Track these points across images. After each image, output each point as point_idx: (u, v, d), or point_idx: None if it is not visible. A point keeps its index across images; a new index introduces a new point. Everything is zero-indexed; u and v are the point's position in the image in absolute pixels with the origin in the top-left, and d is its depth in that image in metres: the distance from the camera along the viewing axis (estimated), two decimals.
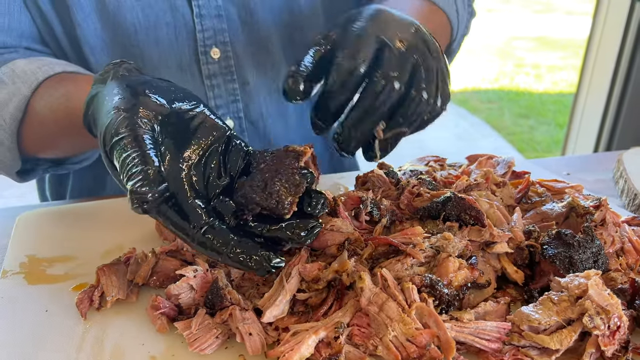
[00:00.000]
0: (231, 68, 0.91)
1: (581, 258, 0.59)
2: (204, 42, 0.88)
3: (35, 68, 0.77)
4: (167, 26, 0.87)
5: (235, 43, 0.91)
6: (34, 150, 0.82)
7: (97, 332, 0.55)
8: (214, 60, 0.89)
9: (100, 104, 0.55)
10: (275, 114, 0.98)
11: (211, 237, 0.49)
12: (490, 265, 0.62)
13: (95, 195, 1.00)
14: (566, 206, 0.68)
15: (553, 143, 4.48)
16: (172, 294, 0.56)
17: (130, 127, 0.49)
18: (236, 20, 0.90)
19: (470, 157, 0.89)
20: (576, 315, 0.52)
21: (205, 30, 0.88)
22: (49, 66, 0.78)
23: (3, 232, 0.75)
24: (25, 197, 3.08)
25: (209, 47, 0.89)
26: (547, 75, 6.36)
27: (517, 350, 0.52)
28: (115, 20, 0.84)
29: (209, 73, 0.89)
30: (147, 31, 0.86)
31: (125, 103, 0.51)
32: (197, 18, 0.87)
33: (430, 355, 0.49)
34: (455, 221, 0.63)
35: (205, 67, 0.89)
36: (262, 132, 0.97)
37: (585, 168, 1.07)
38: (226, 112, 0.93)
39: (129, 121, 0.50)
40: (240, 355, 0.52)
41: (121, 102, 0.52)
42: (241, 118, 0.94)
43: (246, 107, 0.94)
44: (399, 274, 0.55)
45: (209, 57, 0.89)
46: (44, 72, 0.77)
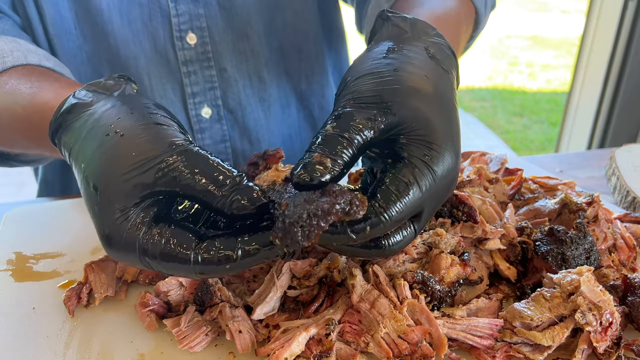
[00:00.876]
0: (208, 54, 0.89)
1: (574, 254, 0.59)
2: (179, 26, 0.86)
3: (7, 51, 0.69)
4: (140, 7, 0.84)
5: (213, 28, 0.89)
6: None
7: (85, 329, 0.54)
8: (190, 46, 0.87)
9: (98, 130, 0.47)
10: (254, 102, 0.96)
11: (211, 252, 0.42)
12: (483, 262, 0.61)
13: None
14: (559, 203, 0.68)
15: (547, 141, 4.50)
16: (161, 291, 0.55)
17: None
18: (214, 5, 0.88)
19: (463, 154, 0.89)
20: (568, 312, 0.52)
21: (180, 15, 0.86)
22: (23, 53, 0.70)
23: None
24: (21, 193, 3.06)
25: (184, 32, 0.87)
26: (541, 73, 6.38)
27: (509, 346, 0.52)
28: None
29: (185, 59, 0.88)
30: (120, 9, 0.84)
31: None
32: (172, 2, 0.85)
33: (422, 352, 0.49)
34: (448, 217, 0.62)
35: (182, 53, 0.87)
36: (240, 121, 0.96)
37: (577, 165, 1.07)
38: (203, 100, 0.91)
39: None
40: (230, 353, 0.52)
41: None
42: (219, 106, 0.92)
43: (224, 95, 0.93)
44: (390, 270, 0.54)
45: (185, 43, 0.87)
46: (14, 58, 0.69)
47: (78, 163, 0.47)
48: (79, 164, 0.47)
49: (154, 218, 0.44)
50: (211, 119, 0.92)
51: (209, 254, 0.42)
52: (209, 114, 0.92)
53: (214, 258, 0.42)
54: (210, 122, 0.92)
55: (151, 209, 0.44)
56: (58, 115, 0.50)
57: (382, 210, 0.42)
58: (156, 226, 0.43)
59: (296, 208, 0.41)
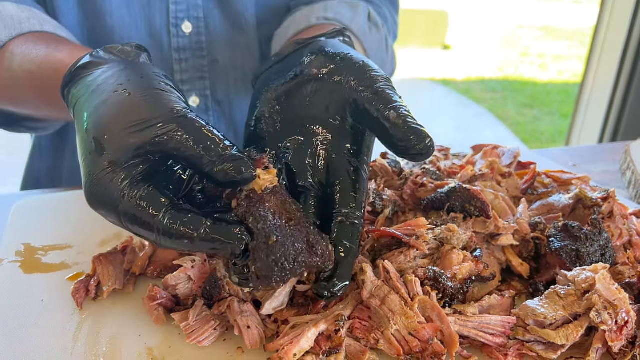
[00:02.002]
0: (202, 44, 0.89)
1: (588, 251, 0.58)
2: (176, 14, 0.87)
3: (24, 18, 0.72)
4: None
5: (209, 19, 0.89)
6: None
7: (93, 322, 0.54)
8: (185, 34, 0.88)
9: (107, 86, 0.50)
10: (243, 95, 0.96)
11: (177, 222, 0.43)
12: (495, 258, 0.60)
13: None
14: (573, 198, 0.67)
15: (557, 133, 4.45)
16: (170, 285, 0.55)
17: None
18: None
19: (475, 147, 0.87)
20: (583, 310, 0.51)
21: (178, 3, 0.87)
22: (39, 21, 0.74)
23: (1, 221, 0.74)
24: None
25: (180, 20, 0.87)
26: (553, 64, 6.32)
27: (522, 344, 0.51)
28: None
29: (178, 46, 0.88)
30: None
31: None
32: None
33: (433, 349, 0.48)
34: (460, 212, 0.62)
35: (175, 40, 0.87)
36: (227, 113, 0.95)
37: (591, 159, 1.05)
38: (191, 89, 0.91)
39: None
40: (238, 348, 0.51)
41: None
42: (207, 96, 0.92)
43: (213, 86, 0.92)
44: (401, 266, 0.53)
45: (180, 30, 0.87)
46: (31, 25, 0.72)
47: (82, 112, 0.50)
48: (82, 114, 0.49)
49: (141, 177, 0.45)
50: (198, 109, 0.92)
51: (175, 224, 0.43)
52: (196, 102, 0.91)
53: (176, 230, 0.43)
54: (197, 111, 0.91)
55: (140, 168, 0.46)
56: (73, 69, 0.53)
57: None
58: (137, 185, 0.45)
59: (286, 250, 0.45)
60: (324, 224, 0.52)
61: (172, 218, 0.43)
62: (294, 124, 0.55)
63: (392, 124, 0.48)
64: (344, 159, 0.54)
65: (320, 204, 0.53)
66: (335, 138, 0.54)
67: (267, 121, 0.56)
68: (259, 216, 0.46)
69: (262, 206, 0.46)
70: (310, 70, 0.55)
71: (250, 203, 0.46)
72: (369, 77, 0.52)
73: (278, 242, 0.45)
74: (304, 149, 0.55)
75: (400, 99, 0.51)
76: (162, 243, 0.44)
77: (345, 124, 0.54)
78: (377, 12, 0.92)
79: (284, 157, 0.54)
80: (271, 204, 0.47)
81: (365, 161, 0.55)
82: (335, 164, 0.54)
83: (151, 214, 0.44)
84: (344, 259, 0.49)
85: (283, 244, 0.45)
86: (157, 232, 0.44)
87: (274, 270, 0.45)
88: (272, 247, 0.45)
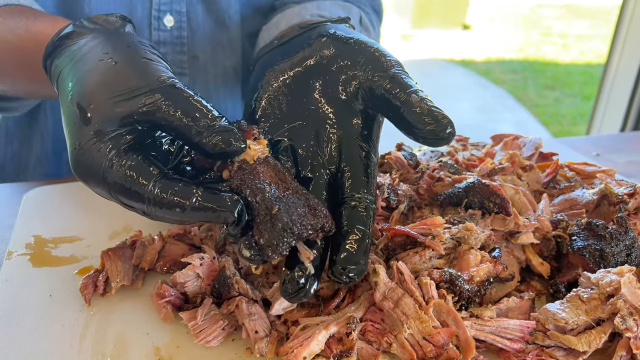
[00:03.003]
0: (183, 39, 0.86)
1: (613, 251, 0.55)
2: (159, 7, 0.84)
3: None
4: None
5: (192, 14, 0.86)
6: None
7: (100, 319, 0.53)
8: (167, 28, 0.85)
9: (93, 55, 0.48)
10: (224, 94, 0.93)
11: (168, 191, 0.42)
12: (514, 257, 0.58)
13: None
14: (598, 193, 0.64)
15: (579, 116, 4.35)
16: (178, 282, 0.54)
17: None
18: None
19: (495, 136, 0.84)
20: (607, 315, 0.49)
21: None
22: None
23: (12, 211, 0.74)
24: None
25: (163, 13, 0.84)
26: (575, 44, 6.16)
27: (541, 350, 0.49)
28: None
29: (158, 39, 0.85)
30: None
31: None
32: None
33: (447, 355, 0.46)
34: (478, 209, 0.59)
35: (156, 33, 0.85)
36: None
37: (615, 148, 1.01)
38: None
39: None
40: (247, 349, 0.50)
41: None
42: None
43: (192, 82, 0.90)
44: (416, 266, 0.52)
45: (161, 24, 0.84)
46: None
47: (66, 82, 0.49)
48: (66, 83, 0.48)
49: (128, 147, 0.44)
50: None
51: (165, 194, 0.43)
52: None
53: (167, 200, 0.42)
54: None
55: (127, 138, 0.45)
56: (56, 39, 0.52)
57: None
58: (125, 155, 0.44)
59: (290, 216, 0.44)
60: (333, 211, 0.49)
61: (162, 187, 0.43)
62: (301, 106, 0.54)
63: (410, 109, 0.47)
64: (355, 143, 0.52)
65: (330, 190, 0.51)
66: (346, 122, 0.53)
67: (272, 102, 0.55)
68: (256, 188, 0.45)
69: (256, 177, 0.45)
70: (321, 52, 0.54)
71: (244, 174, 0.46)
72: (384, 62, 0.51)
73: (281, 210, 0.44)
74: (312, 132, 0.53)
75: (416, 84, 0.49)
76: (153, 213, 0.44)
77: (356, 108, 0.53)
78: (367, 18, 0.89)
79: (291, 139, 0.53)
80: (266, 174, 0.46)
81: (376, 146, 0.54)
82: (346, 148, 0.52)
83: (141, 183, 0.43)
84: (359, 243, 0.47)
85: (286, 211, 0.44)
86: (148, 202, 0.43)
87: (282, 237, 0.44)
88: (276, 217, 0.44)
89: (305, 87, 0.54)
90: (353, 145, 0.52)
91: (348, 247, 0.46)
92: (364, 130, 0.53)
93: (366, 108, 0.53)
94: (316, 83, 0.54)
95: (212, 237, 0.61)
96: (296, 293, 0.45)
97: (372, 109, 0.53)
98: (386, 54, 0.52)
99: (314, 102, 0.54)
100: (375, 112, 0.53)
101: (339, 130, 0.53)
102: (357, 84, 0.52)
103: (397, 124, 0.49)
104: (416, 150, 0.77)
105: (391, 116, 0.50)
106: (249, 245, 0.44)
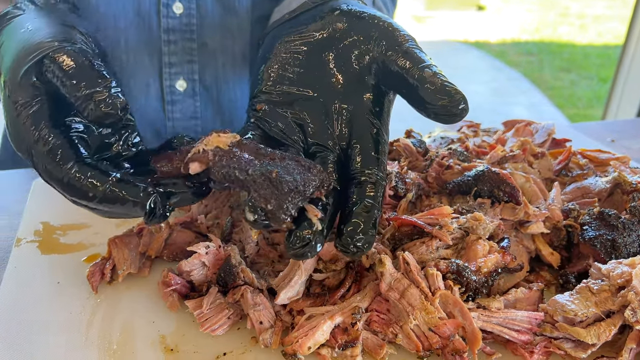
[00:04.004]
0: (192, 26, 0.85)
1: (625, 242, 0.54)
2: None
3: None
4: None
5: (201, 0, 0.84)
6: None
7: (107, 307, 0.54)
8: (176, 15, 0.83)
9: (18, 28, 0.51)
10: (233, 81, 0.92)
11: (82, 175, 0.43)
12: (524, 246, 0.57)
13: None
14: (611, 182, 0.63)
15: (595, 99, 4.28)
16: (184, 270, 0.54)
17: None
18: None
19: (506, 122, 0.83)
20: (617, 307, 0.48)
21: None
22: None
23: (22, 197, 0.74)
24: None
25: (172, 0, 0.83)
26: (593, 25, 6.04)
27: (549, 341, 0.48)
28: None
29: (167, 27, 0.83)
30: None
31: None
32: None
33: (454, 346, 0.46)
34: (488, 197, 0.58)
35: (165, 20, 0.83)
36: (215, 99, 0.91)
37: (630, 134, 0.99)
38: (179, 72, 0.87)
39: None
40: (252, 338, 0.50)
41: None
42: (195, 81, 0.88)
43: (202, 70, 0.88)
44: (423, 257, 0.51)
45: (170, 11, 0.83)
46: None
47: (0, 59, 0.50)
48: (1, 59, 0.50)
49: (49, 120, 0.45)
50: (185, 93, 0.88)
51: (78, 180, 0.43)
52: (183, 87, 0.88)
53: (80, 185, 0.43)
54: (183, 95, 0.88)
55: (36, 107, 0.45)
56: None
57: None
58: (48, 129, 0.45)
59: (294, 177, 0.44)
60: (343, 187, 0.49)
61: (79, 170, 0.43)
62: (311, 78, 0.53)
63: (423, 84, 0.47)
64: (366, 119, 0.51)
65: (340, 166, 0.50)
66: (357, 97, 0.52)
67: (281, 73, 0.54)
68: (244, 163, 0.44)
69: (240, 157, 0.45)
70: (334, 25, 0.53)
71: (223, 160, 0.44)
72: (398, 36, 0.51)
73: (281, 173, 0.44)
74: (322, 105, 0.52)
75: (430, 59, 0.49)
76: (67, 195, 0.45)
77: (368, 83, 0.52)
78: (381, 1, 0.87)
79: (299, 112, 0.52)
80: (245, 152, 0.46)
81: (387, 124, 0.53)
82: (356, 124, 0.51)
83: (58, 169, 0.44)
84: (368, 214, 0.46)
85: (287, 173, 0.44)
86: (62, 184, 0.44)
87: (290, 197, 0.43)
88: (278, 180, 0.43)
89: (316, 59, 0.53)
90: (364, 121, 0.51)
91: (356, 217, 0.45)
92: (375, 107, 0.52)
93: (378, 83, 0.52)
94: (328, 56, 0.53)
95: (219, 225, 0.61)
96: (302, 247, 0.44)
97: (385, 85, 0.52)
98: (400, 28, 0.52)
99: (324, 75, 0.53)
100: (387, 89, 0.52)
101: (350, 105, 0.52)
102: (370, 58, 0.51)
103: (410, 100, 0.49)
104: (425, 137, 0.76)
105: (404, 92, 0.50)
106: (254, 208, 0.43)
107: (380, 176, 0.48)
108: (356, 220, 0.45)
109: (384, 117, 0.52)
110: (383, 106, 0.52)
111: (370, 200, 0.47)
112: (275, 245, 0.58)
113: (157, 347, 0.49)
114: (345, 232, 0.45)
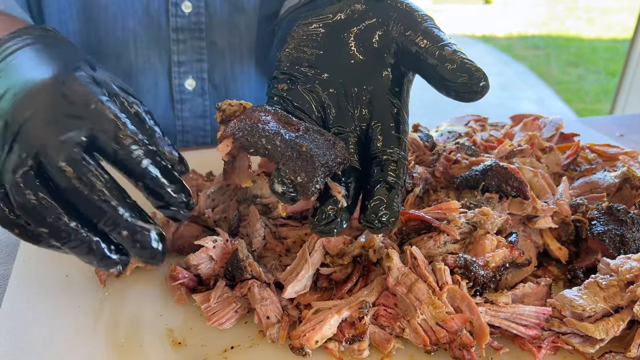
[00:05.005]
0: (201, 25, 0.85)
1: (634, 237, 0.54)
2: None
3: None
4: None
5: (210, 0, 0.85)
6: None
7: (115, 300, 0.54)
8: (185, 14, 0.83)
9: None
10: (242, 79, 0.92)
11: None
12: (532, 241, 0.57)
13: None
14: (619, 176, 0.62)
15: (603, 93, 4.25)
16: (191, 264, 0.54)
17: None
18: None
19: (514, 117, 0.83)
20: (626, 303, 0.48)
21: None
22: None
23: None
24: None
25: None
26: (601, 18, 5.98)
27: (557, 337, 0.48)
28: None
29: (176, 26, 0.84)
30: None
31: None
32: None
33: (461, 341, 0.46)
34: (496, 192, 0.58)
35: (174, 19, 0.83)
36: (223, 97, 0.91)
37: None
38: (189, 71, 0.87)
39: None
40: (260, 331, 0.50)
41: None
42: (204, 79, 0.88)
43: (211, 69, 0.88)
44: (430, 251, 0.51)
45: (179, 10, 0.83)
46: None
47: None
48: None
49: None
50: (194, 92, 0.88)
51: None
52: (192, 86, 0.88)
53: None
54: (192, 94, 0.88)
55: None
56: None
57: None
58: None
59: (323, 152, 0.44)
60: (364, 167, 0.49)
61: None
62: (330, 59, 0.53)
63: (443, 63, 0.47)
64: (386, 99, 0.51)
65: (361, 147, 0.50)
66: (377, 77, 0.52)
67: (300, 54, 0.54)
68: (271, 133, 0.44)
69: (262, 122, 0.45)
70: (352, 7, 0.53)
71: (247, 125, 0.45)
72: (417, 17, 0.51)
73: (311, 147, 0.44)
74: (341, 86, 0.52)
75: (449, 38, 0.49)
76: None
77: (387, 63, 0.52)
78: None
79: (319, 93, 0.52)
80: (269, 116, 0.46)
81: (407, 104, 0.53)
82: (376, 104, 0.51)
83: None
84: (391, 192, 0.45)
85: (316, 147, 0.44)
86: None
87: (318, 172, 0.44)
88: (308, 154, 0.44)
89: (335, 41, 0.53)
90: (384, 101, 0.51)
91: (380, 194, 0.45)
92: (395, 87, 0.52)
93: (397, 64, 0.52)
94: (346, 38, 0.53)
95: (226, 219, 0.61)
96: (327, 224, 0.44)
97: (404, 65, 0.52)
98: (417, 9, 0.52)
99: (343, 56, 0.53)
100: (406, 69, 0.52)
101: (370, 86, 0.51)
102: (389, 39, 0.51)
103: (430, 79, 0.49)
104: (433, 131, 0.76)
105: (423, 71, 0.50)
106: (282, 181, 0.43)
107: (402, 155, 0.48)
108: (380, 197, 0.45)
109: (404, 97, 0.52)
110: (403, 86, 0.52)
111: (393, 178, 0.47)
112: (282, 239, 0.58)
113: (165, 341, 0.49)
114: (370, 207, 0.45)
